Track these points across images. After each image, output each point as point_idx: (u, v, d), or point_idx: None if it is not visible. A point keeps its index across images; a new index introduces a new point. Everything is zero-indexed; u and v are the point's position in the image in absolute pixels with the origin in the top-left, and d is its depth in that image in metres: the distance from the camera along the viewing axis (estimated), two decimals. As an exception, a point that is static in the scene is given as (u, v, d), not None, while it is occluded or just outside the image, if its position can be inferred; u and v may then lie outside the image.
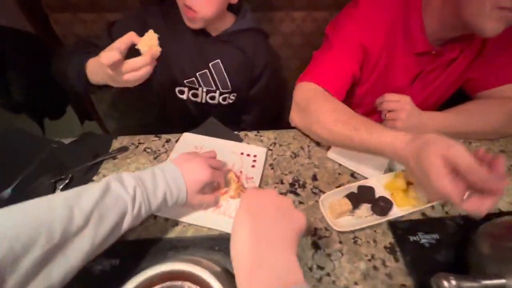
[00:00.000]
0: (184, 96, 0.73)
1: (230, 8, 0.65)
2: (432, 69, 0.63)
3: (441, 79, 0.66)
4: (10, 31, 0.85)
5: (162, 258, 0.42)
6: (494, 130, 0.62)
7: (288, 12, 0.88)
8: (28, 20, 0.88)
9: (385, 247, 0.45)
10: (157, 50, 0.45)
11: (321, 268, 0.43)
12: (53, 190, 0.49)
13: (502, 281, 0.35)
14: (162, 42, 0.63)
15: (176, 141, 0.60)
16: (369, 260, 0.44)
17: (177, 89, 0.71)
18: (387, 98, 0.61)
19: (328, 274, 0.42)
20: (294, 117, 0.61)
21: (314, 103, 0.56)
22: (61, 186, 0.50)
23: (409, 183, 0.50)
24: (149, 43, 0.44)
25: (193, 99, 0.73)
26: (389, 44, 0.61)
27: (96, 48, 0.51)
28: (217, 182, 0.48)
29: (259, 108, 0.81)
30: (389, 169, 0.56)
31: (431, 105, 0.72)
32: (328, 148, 0.59)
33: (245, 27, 0.66)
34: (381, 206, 0.47)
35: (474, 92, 0.66)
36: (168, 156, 0.56)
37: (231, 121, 0.68)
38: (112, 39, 0.51)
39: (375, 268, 0.43)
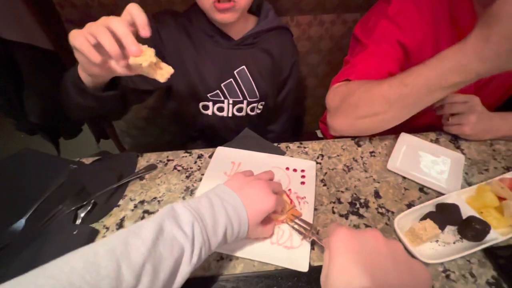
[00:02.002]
0: (209, 112, 0.65)
1: (251, 10, 0.59)
2: None
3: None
4: (27, 47, 0.81)
5: None
6: None
7: (316, 16, 0.82)
8: (47, 36, 0.84)
9: (488, 283, 0.36)
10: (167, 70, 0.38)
11: (412, 313, 0.33)
12: (74, 220, 0.41)
13: None
14: (179, 56, 0.58)
15: (210, 156, 0.52)
16: (472, 301, 0.34)
17: (201, 104, 0.64)
18: (452, 100, 0.53)
19: (424, 323, 0.32)
20: (334, 122, 0.53)
21: (352, 93, 0.49)
22: (83, 214, 0.42)
23: (501, 198, 0.41)
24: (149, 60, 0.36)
25: (218, 114, 0.66)
26: (434, 40, 0.53)
27: None
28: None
29: (287, 115, 0.74)
30: (466, 182, 0.47)
31: (488, 105, 0.63)
32: (387, 159, 0.51)
33: (269, 26, 0.60)
34: (476, 229, 0.37)
35: None
36: (202, 174, 0.49)
37: (258, 133, 0.60)
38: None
39: (482, 312, 0.33)
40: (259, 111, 0.69)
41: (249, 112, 0.67)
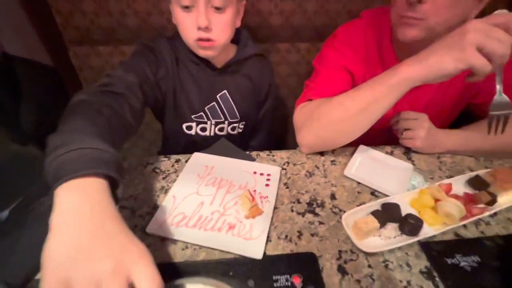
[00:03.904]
0: (192, 132, 0.71)
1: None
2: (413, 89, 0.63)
3: (429, 97, 0.65)
4: (28, 62, 0.88)
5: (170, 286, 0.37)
6: None
7: (293, 43, 0.93)
8: (48, 53, 0.92)
9: (421, 272, 0.40)
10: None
11: (351, 296, 0.37)
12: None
13: None
14: (172, 78, 0.65)
15: (186, 161, 0.58)
16: (405, 287, 0.38)
17: (184, 125, 0.70)
18: (404, 116, 0.61)
19: (360, 304, 0.36)
20: (302, 137, 0.59)
21: (316, 109, 0.56)
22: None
23: (436, 200, 0.47)
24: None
25: (201, 133, 0.72)
26: (370, 68, 0.63)
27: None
28: None
29: (266, 132, 0.81)
30: (412, 187, 0.53)
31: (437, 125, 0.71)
32: (344, 167, 0.57)
33: (248, 54, 0.68)
34: (411, 224, 0.43)
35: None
36: (177, 176, 0.54)
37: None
38: (130, 75, 0.52)
39: (413, 296, 0.37)
40: (240, 130, 0.76)
41: (230, 131, 0.74)
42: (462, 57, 0.39)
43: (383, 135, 0.66)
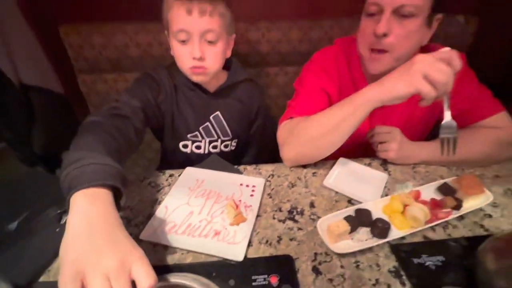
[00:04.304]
0: (188, 150, 0.77)
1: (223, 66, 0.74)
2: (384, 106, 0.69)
3: (400, 114, 0.71)
4: (42, 90, 0.98)
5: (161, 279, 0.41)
6: (483, 158, 0.64)
7: (282, 67, 1.01)
8: (60, 81, 1.02)
9: (390, 271, 0.44)
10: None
11: (323, 294, 0.41)
12: (58, 221, 0.51)
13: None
14: (170, 102, 0.72)
15: (179, 175, 0.63)
16: (374, 285, 0.42)
17: (181, 144, 0.76)
18: (378, 131, 0.66)
19: (331, 300, 0.40)
20: (284, 153, 0.64)
21: (295, 126, 0.62)
22: (66, 218, 0.51)
23: (406, 205, 0.51)
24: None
25: (196, 151, 0.78)
26: (343, 89, 0.70)
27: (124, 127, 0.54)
28: None
29: (256, 149, 0.87)
30: (386, 195, 0.57)
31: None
32: (324, 177, 0.62)
33: (238, 79, 0.75)
34: (379, 227, 0.47)
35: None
36: (170, 189, 0.59)
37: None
38: (134, 100, 0.60)
39: (381, 293, 0.41)
40: (233, 148, 0.82)
41: (223, 148, 0.80)
42: (410, 83, 0.46)
43: (363, 148, 0.72)
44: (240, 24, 0.93)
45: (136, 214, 0.54)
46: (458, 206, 0.52)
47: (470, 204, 0.53)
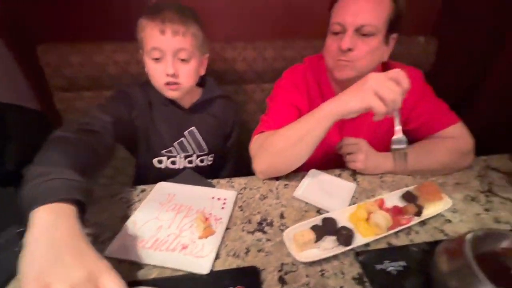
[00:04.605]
0: (163, 165, 0.77)
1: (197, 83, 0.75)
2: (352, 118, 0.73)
3: (366, 126, 0.74)
4: (19, 108, 0.96)
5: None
6: (443, 166, 0.68)
7: (258, 84, 1.05)
8: (37, 99, 1.01)
9: (353, 278, 0.44)
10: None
11: (288, 304, 0.41)
12: (20, 239, 0.49)
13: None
14: (145, 118, 0.73)
15: (151, 190, 0.63)
16: (338, 292, 0.42)
17: (155, 159, 0.77)
18: (346, 142, 0.69)
19: (294, 309, 0.40)
20: (256, 165, 0.65)
21: (265, 140, 0.64)
22: (28, 236, 0.50)
23: (370, 213, 0.53)
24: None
25: (171, 166, 0.78)
26: (313, 103, 0.74)
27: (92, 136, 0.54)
28: None
29: (233, 163, 0.88)
30: (354, 204, 0.59)
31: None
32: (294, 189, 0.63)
33: (212, 95, 0.78)
34: (344, 234, 0.48)
35: (419, 137, 0.74)
36: (141, 204, 0.59)
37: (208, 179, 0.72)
38: (105, 116, 0.60)
39: (344, 300, 0.41)
40: (209, 162, 0.83)
41: (198, 163, 0.81)
42: (363, 99, 0.50)
43: (335, 160, 0.74)
44: (216, 44, 0.97)
45: (104, 230, 0.53)
46: (419, 213, 0.54)
47: (430, 210, 0.55)
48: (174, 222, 0.54)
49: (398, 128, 0.53)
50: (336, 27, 0.64)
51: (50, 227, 0.35)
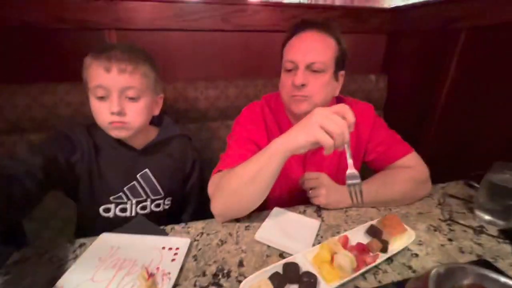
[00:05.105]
0: (111, 214, 0.69)
1: (152, 122, 0.72)
2: (314, 152, 0.72)
3: (329, 160, 0.74)
4: None
5: None
6: (403, 196, 0.68)
7: (222, 121, 1.04)
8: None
9: (319, 336, 0.39)
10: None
11: None
12: None
13: None
14: (88, 162, 0.64)
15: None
16: None
17: (102, 207, 0.68)
18: (307, 177, 0.68)
19: None
20: (212, 206, 0.60)
21: (221, 179, 0.60)
22: None
23: (333, 253, 0.49)
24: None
25: (121, 214, 0.70)
26: (271, 138, 0.73)
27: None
28: None
29: (195, 205, 0.82)
30: (318, 242, 0.55)
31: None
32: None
33: (169, 135, 0.74)
34: (305, 282, 0.43)
35: (378, 168, 0.75)
36: (75, 262, 0.50)
37: (169, 224, 0.65)
38: (34, 158, 0.53)
39: None
40: (166, 207, 0.75)
41: (153, 208, 0.73)
42: (310, 133, 0.49)
43: (300, 195, 0.72)
44: (178, 83, 0.97)
45: (20, 301, 0.43)
46: (384, 248, 0.51)
47: (396, 245, 0.53)
48: (113, 283, 0.46)
49: (350, 162, 0.53)
50: (289, 64, 0.67)
51: None
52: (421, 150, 0.74)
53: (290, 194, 0.75)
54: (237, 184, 0.56)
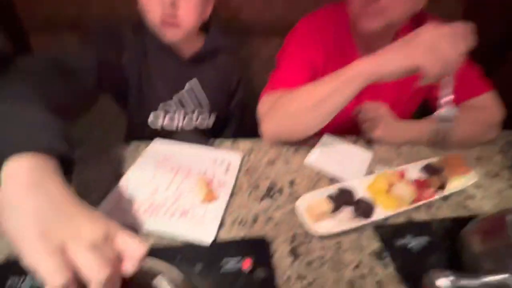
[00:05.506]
0: (159, 123, 0.68)
1: (201, 28, 0.64)
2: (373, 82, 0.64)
3: (387, 91, 0.67)
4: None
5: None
6: (469, 139, 0.62)
7: (266, 39, 0.93)
8: (8, 40, 0.87)
9: (372, 253, 0.40)
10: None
11: (301, 278, 0.37)
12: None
13: (504, 275, 0.30)
14: (137, 64, 0.62)
15: (146, 148, 0.55)
16: (356, 267, 0.38)
17: (151, 115, 0.67)
18: (365, 107, 0.62)
19: (309, 284, 0.36)
20: (264, 127, 0.58)
21: (277, 100, 0.56)
22: None
23: (390, 184, 0.48)
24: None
25: (168, 127, 0.69)
26: (330, 59, 0.65)
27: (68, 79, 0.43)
28: None
29: (237, 124, 0.80)
30: (370, 173, 0.54)
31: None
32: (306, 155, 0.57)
33: (216, 45, 0.67)
34: (363, 206, 0.43)
35: None
36: (133, 163, 0.52)
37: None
38: (87, 54, 0.49)
39: (362, 276, 0.37)
40: (211, 123, 0.74)
41: (198, 124, 0.72)
42: (411, 55, 0.41)
43: (349, 126, 0.68)
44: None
45: (90, 191, 0.46)
46: (442, 187, 0.49)
47: (454, 184, 0.51)
48: (172, 185, 0.48)
49: (448, 98, 0.45)
50: None
51: (39, 180, 0.26)
52: (496, 83, 0.64)
53: (337, 122, 0.71)
54: (298, 107, 0.52)
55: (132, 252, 0.25)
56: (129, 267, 0.25)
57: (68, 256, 0.23)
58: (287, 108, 0.54)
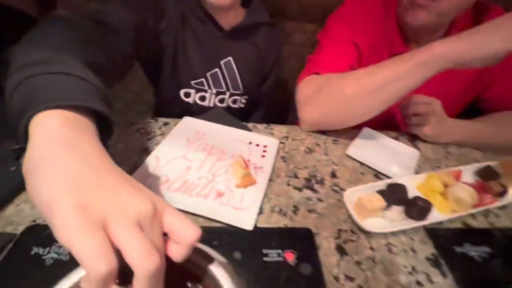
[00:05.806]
0: (190, 100, 0.65)
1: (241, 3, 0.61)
2: None
3: (436, 83, 0.60)
4: (15, 12, 0.80)
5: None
6: None
7: (300, 23, 0.88)
8: (35, 3, 0.84)
9: (427, 259, 0.36)
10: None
11: (350, 278, 0.33)
12: (16, 159, 0.39)
13: None
14: (174, 35, 0.58)
15: (176, 125, 0.52)
16: (410, 273, 0.34)
17: (182, 91, 0.64)
18: (416, 100, 0.56)
19: (360, 287, 0.32)
20: (306, 112, 0.53)
21: (326, 83, 0.51)
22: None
23: (446, 185, 0.43)
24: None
25: (200, 103, 0.66)
26: (375, 44, 0.59)
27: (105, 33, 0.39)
28: None
29: (265, 109, 0.76)
30: (417, 172, 0.49)
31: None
32: (347, 146, 0.52)
33: (257, 20, 0.63)
34: (420, 207, 0.38)
35: (497, 108, 0.62)
36: (164, 138, 0.48)
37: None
38: (126, 12, 0.45)
39: (419, 283, 0.33)
40: (242, 105, 0.70)
41: (231, 104, 0.68)
42: (506, 37, 0.36)
43: (386, 121, 0.62)
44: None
45: (119, 163, 0.43)
46: (503, 193, 0.44)
47: (514, 192, 0.45)
48: (205, 165, 0.44)
49: None
50: None
51: (73, 139, 0.22)
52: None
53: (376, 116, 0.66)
54: (355, 92, 0.47)
55: (184, 236, 0.21)
56: (179, 252, 0.21)
57: (110, 235, 0.18)
58: (339, 93, 0.49)
